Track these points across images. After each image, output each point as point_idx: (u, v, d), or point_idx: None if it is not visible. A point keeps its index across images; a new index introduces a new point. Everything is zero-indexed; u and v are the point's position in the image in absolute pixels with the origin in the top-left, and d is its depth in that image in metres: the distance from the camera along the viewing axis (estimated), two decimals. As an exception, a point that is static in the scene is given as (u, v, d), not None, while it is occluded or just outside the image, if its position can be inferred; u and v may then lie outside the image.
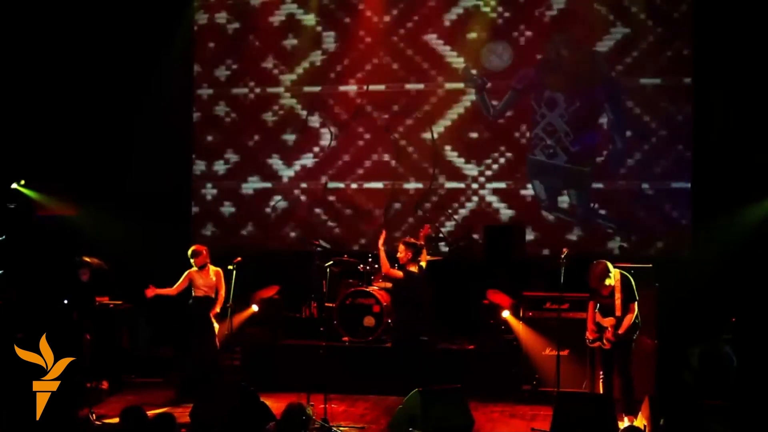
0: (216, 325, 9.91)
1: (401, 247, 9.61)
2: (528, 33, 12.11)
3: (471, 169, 12.25)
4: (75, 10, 12.26)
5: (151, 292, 9.76)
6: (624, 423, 8.38)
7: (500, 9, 12.17)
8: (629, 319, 8.59)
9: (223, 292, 9.91)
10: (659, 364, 9.78)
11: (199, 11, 13.09)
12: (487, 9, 12.18)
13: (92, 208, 11.96)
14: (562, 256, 8.93)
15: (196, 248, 10.06)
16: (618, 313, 8.60)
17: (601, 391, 8.76)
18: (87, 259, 10.45)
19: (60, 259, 11.09)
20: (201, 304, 9.91)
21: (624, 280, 8.67)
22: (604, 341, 8.66)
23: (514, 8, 12.17)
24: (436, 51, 12.35)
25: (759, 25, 10.91)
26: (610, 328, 8.63)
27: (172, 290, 9.94)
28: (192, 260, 9.94)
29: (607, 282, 8.62)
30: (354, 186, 12.64)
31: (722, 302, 10.32)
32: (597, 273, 8.62)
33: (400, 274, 9.57)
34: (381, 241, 9.69)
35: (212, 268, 10.04)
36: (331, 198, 12.57)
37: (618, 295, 8.62)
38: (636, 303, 8.62)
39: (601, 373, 8.84)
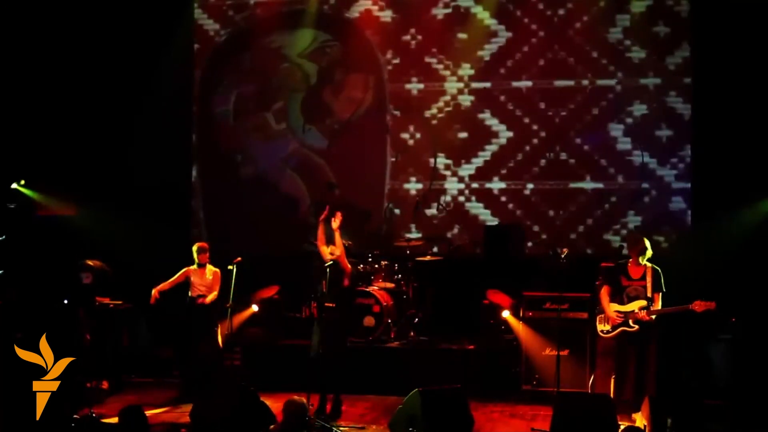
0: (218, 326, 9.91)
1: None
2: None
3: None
4: (75, 9, 12.25)
5: (155, 294, 9.80)
6: (637, 421, 8.39)
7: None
8: (659, 304, 8.59)
9: (216, 293, 9.90)
10: (659, 364, 9.75)
11: (200, 11, 13.11)
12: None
13: (92, 208, 11.96)
14: (562, 255, 8.93)
15: (202, 245, 10.08)
16: (649, 294, 8.61)
17: (612, 393, 8.68)
18: (90, 263, 10.43)
19: (60, 259, 11.09)
20: (198, 303, 9.92)
21: (654, 269, 8.70)
22: (631, 323, 8.62)
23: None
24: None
25: (759, 25, 10.91)
26: (638, 310, 8.60)
27: (167, 283, 9.95)
28: (197, 256, 9.93)
29: (642, 259, 8.65)
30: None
31: (722, 302, 10.31)
32: (642, 246, 8.68)
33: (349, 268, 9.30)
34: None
35: (210, 268, 10.03)
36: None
37: (649, 279, 8.63)
38: (661, 295, 8.63)
39: (613, 373, 8.81)
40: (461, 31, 12.32)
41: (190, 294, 9.95)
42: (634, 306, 8.67)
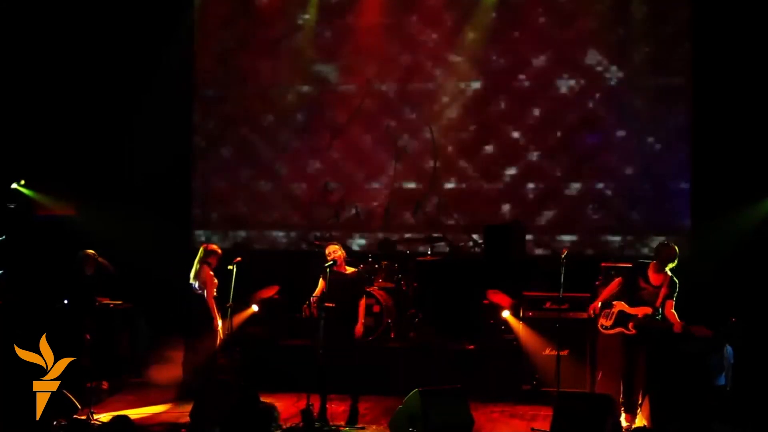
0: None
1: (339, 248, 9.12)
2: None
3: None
4: (75, 8, 12.25)
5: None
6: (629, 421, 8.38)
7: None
8: (674, 315, 8.37)
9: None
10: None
11: (201, 9, 13.09)
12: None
13: (92, 208, 11.96)
14: (563, 256, 8.92)
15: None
16: (657, 304, 8.42)
17: (622, 394, 8.57)
18: (91, 252, 10.39)
19: (60, 259, 11.08)
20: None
21: (672, 279, 8.49)
22: (630, 327, 8.47)
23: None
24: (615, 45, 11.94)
25: (759, 25, 10.92)
26: (640, 316, 8.45)
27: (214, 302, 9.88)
28: (214, 259, 9.92)
29: (668, 268, 8.45)
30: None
31: (722, 302, 10.31)
32: (666, 254, 8.45)
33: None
34: None
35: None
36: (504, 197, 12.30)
37: (664, 290, 8.45)
38: (673, 303, 8.42)
39: (620, 373, 8.70)
40: (462, 29, 12.31)
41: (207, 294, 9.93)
42: (639, 311, 8.52)
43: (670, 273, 8.50)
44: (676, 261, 8.49)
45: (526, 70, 12.16)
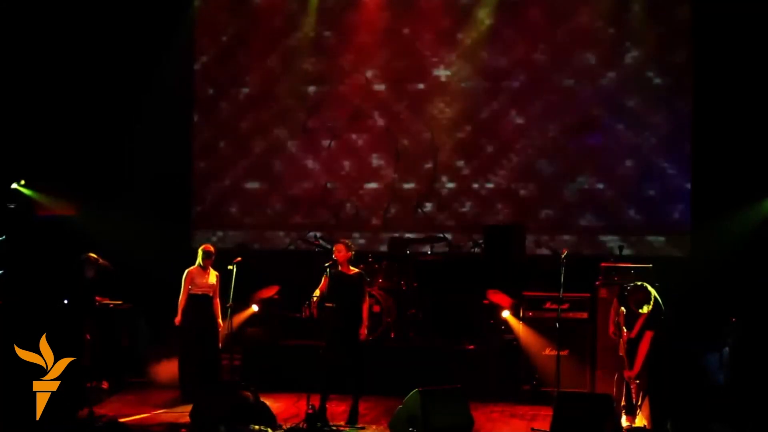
0: (220, 324, 9.90)
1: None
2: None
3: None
4: (75, 9, 12.25)
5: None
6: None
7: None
8: (643, 349, 8.13)
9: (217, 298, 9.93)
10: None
11: (201, 9, 13.09)
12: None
13: (92, 208, 11.96)
14: (562, 256, 8.92)
15: (211, 250, 10.01)
16: (633, 333, 8.19)
17: (624, 396, 8.48)
18: (93, 255, 10.39)
19: (60, 259, 11.08)
20: (202, 302, 9.88)
21: (655, 307, 8.16)
22: (620, 353, 8.32)
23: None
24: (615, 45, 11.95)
25: (759, 25, 10.93)
26: (623, 342, 8.27)
27: (182, 299, 9.86)
28: (204, 260, 9.87)
29: (641, 311, 8.11)
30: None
31: (722, 302, 10.32)
32: (638, 298, 8.10)
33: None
34: None
35: (213, 271, 9.99)
36: (504, 197, 12.28)
37: (641, 320, 8.19)
38: (653, 334, 8.13)
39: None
40: (461, 29, 12.33)
41: (191, 292, 9.87)
42: (624, 335, 8.28)
43: (654, 294, 8.19)
44: (651, 304, 8.11)
45: (524, 70, 12.16)
